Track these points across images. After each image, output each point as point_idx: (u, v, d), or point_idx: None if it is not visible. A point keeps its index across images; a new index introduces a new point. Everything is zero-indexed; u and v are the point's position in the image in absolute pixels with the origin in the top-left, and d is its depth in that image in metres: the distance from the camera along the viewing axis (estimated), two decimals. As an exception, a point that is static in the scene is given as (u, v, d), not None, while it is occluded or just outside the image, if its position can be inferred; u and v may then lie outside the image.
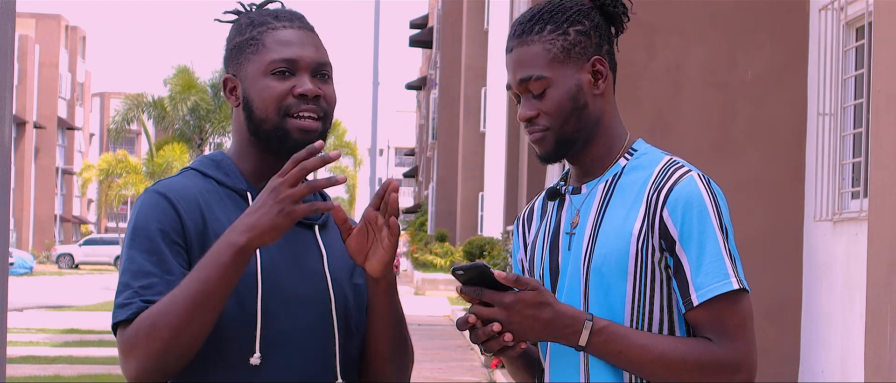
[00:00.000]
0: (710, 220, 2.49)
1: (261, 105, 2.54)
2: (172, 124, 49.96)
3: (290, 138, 2.54)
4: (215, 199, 2.55)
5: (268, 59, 2.55)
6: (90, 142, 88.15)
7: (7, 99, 4.60)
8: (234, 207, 2.55)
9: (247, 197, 2.57)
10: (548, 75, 2.55)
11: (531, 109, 2.57)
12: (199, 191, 2.55)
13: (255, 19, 2.60)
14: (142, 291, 2.43)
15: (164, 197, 2.51)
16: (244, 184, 2.59)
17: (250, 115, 2.56)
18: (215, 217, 2.53)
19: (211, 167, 2.60)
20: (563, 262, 2.60)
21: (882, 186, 5.70)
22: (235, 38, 2.61)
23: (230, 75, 2.61)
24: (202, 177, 2.58)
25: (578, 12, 2.58)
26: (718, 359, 2.47)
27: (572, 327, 2.47)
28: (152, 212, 2.49)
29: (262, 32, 2.57)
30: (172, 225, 2.49)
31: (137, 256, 2.46)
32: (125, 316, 2.42)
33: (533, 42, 2.55)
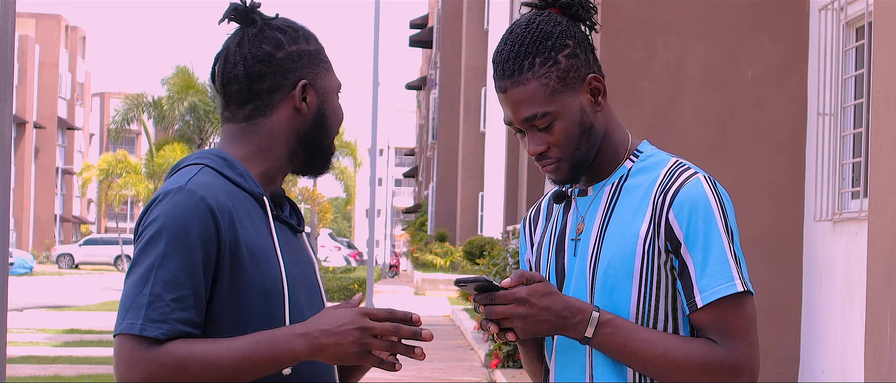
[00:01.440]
0: (715, 222, 2.50)
1: (335, 124, 2.62)
2: (172, 124, 49.96)
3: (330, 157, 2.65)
4: (238, 205, 2.48)
5: (337, 81, 2.64)
6: (90, 142, 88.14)
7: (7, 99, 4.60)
8: (253, 212, 2.50)
9: (264, 202, 2.53)
10: (551, 110, 2.53)
11: (540, 144, 2.56)
12: (227, 194, 2.47)
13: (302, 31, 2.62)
14: (174, 306, 2.34)
15: (203, 200, 2.41)
16: (260, 189, 2.54)
17: (320, 128, 2.60)
18: (243, 226, 2.46)
19: (224, 166, 2.53)
20: (568, 265, 2.61)
21: (882, 186, 5.70)
22: (300, 44, 2.59)
23: (307, 81, 2.58)
24: (219, 177, 2.50)
25: (560, 35, 2.54)
26: (721, 361, 2.48)
27: (580, 318, 2.49)
28: (191, 217, 2.39)
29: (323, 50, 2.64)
30: (209, 236, 2.40)
31: (173, 264, 2.36)
32: (158, 334, 2.32)
33: (527, 80, 2.52)
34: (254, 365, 2.37)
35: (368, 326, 2.38)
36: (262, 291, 2.45)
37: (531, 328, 2.48)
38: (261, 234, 2.49)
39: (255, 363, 2.37)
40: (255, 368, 2.37)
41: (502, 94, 2.56)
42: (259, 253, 2.46)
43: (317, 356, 2.39)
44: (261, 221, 2.51)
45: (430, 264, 40.04)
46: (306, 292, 2.57)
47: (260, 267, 2.45)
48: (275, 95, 2.57)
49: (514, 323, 2.48)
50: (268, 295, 2.46)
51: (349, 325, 2.39)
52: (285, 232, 2.57)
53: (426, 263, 40.48)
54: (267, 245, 2.49)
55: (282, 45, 2.58)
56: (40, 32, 72.42)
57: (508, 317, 2.47)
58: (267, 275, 2.46)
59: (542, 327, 2.49)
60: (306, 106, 2.58)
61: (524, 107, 2.53)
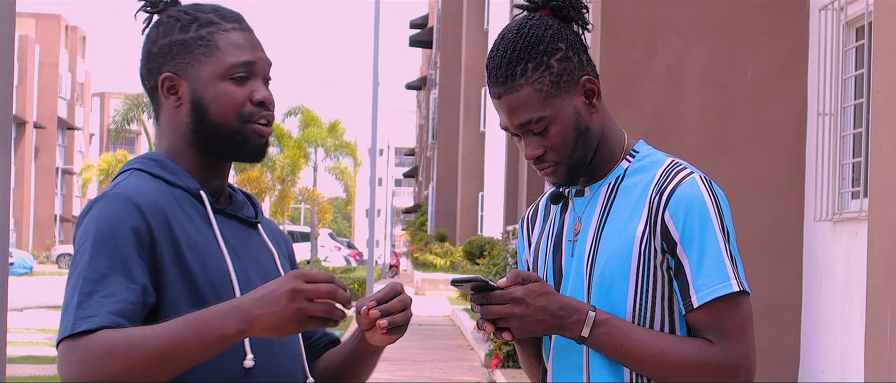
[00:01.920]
0: (711, 222, 2.50)
1: (219, 110, 2.48)
2: (172, 124, 49.87)
3: (249, 143, 2.49)
4: (172, 203, 2.44)
5: (227, 62, 2.48)
6: (90, 142, 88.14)
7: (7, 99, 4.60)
8: (190, 209, 2.46)
9: (201, 197, 2.49)
10: (546, 114, 2.53)
11: (537, 148, 2.56)
12: (159, 194, 2.43)
13: (199, 17, 2.51)
14: (105, 301, 2.28)
15: (129, 200, 2.38)
16: (195, 183, 2.49)
17: (202, 118, 2.48)
18: (179, 223, 2.42)
19: (155, 167, 2.49)
20: (566, 266, 2.61)
21: (882, 186, 5.70)
22: (175, 34, 2.51)
23: (171, 73, 2.50)
24: (151, 179, 2.47)
25: (552, 38, 2.54)
26: (717, 361, 2.48)
27: (576, 317, 2.49)
28: (117, 217, 2.36)
29: (213, 33, 2.49)
30: (140, 231, 2.36)
31: (101, 263, 2.32)
32: (90, 327, 2.26)
33: (520, 86, 2.52)
34: (182, 344, 2.23)
35: (301, 289, 2.22)
36: (209, 286, 2.40)
37: (527, 328, 2.48)
38: (201, 229, 2.45)
39: (184, 342, 2.23)
40: (184, 348, 2.23)
41: (497, 100, 2.56)
42: (201, 248, 2.42)
43: (252, 330, 2.23)
44: (200, 216, 2.47)
45: (430, 264, 40.05)
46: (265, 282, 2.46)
47: (204, 261, 2.41)
48: (157, 92, 2.54)
49: (511, 323, 2.48)
50: (216, 288, 2.41)
51: (280, 290, 2.22)
52: (233, 225, 2.53)
53: (426, 263, 40.49)
54: (209, 239, 2.45)
55: (156, 39, 2.54)
56: (40, 32, 72.41)
57: (505, 317, 2.47)
58: (212, 269, 2.41)
59: (539, 327, 2.49)
60: (177, 99, 2.51)
61: (519, 112, 2.53)
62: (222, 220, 2.51)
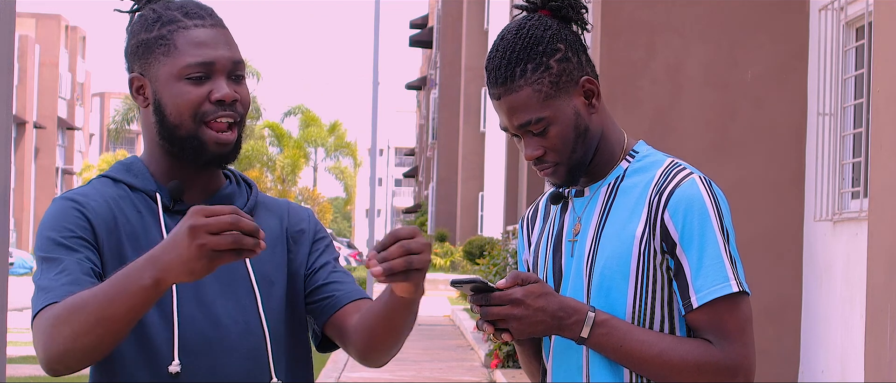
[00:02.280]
0: (710, 223, 2.50)
1: (174, 111, 2.44)
2: (172, 124, 49.96)
3: (206, 151, 2.45)
4: (126, 204, 2.48)
5: (182, 62, 2.43)
6: (90, 142, 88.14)
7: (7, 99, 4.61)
8: (145, 210, 2.49)
9: (156, 198, 2.50)
10: (545, 115, 2.53)
11: (536, 148, 2.56)
12: (109, 197, 2.48)
13: (163, 15, 2.48)
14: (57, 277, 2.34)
15: (71, 201, 2.44)
16: (153, 185, 2.50)
17: (162, 120, 2.46)
18: (127, 222, 2.46)
19: (121, 172, 2.53)
20: (566, 266, 2.61)
21: (882, 186, 5.70)
22: (141, 33, 2.49)
23: (137, 74, 2.49)
24: (113, 184, 2.51)
25: (551, 39, 2.54)
26: (717, 361, 2.48)
27: (576, 318, 2.49)
28: (59, 216, 2.43)
29: (173, 32, 2.45)
30: (81, 227, 2.42)
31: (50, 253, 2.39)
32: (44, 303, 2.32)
33: (520, 87, 2.52)
34: (112, 300, 2.20)
35: (199, 224, 2.12)
36: None
37: (527, 329, 2.48)
38: (148, 230, 2.46)
39: (113, 298, 2.20)
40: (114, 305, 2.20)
41: (496, 101, 2.57)
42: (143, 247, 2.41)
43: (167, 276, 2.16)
44: (152, 216, 2.48)
45: (430, 264, 40.06)
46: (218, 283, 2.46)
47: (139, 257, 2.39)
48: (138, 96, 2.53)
49: (510, 324, 2.48)
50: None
51: (181, 229, 2.14)
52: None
53: (426, 263, 40.46)
54: (154, 239, 2.44)
55: (129, 37, 2.53)
56: (40, 32, 72.41)
57: (504, 318, 2.47)
58: None
59: (538, 328, 2.49)
60: (145, 99, 2.49)
61: (518, 113, 2.53)
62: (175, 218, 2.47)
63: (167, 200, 2.49)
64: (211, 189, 2.54)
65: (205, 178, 2.52)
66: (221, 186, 2.56)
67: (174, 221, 2.47)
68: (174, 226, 2.30)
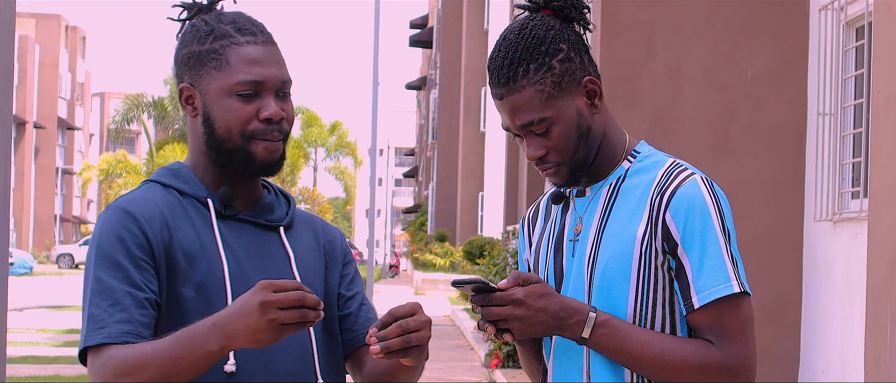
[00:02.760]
0: (712, 223, 2.50)
1: (223, 125, 2.50)
2: (172, 124, 49.95)
3: (254, 160, 2.52)
4: (178, 211, 2.53)
5: (233, 79, 2.49)
6: (90, 142, 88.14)
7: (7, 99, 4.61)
8: (196, 216, 2.54)
9: (208, 204, 2.55)
10: (548, 115, 2.53)
11: (539, 148, 2.56)
12: (163, 203, 2.52)
13: (216, 29, 2.53)
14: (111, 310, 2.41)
15: (125, 212, 2.48)
16: (204, 191, 2.56)
17: (211, 132, 2.52)
18: (179, 228, 2.51)
19: (170, 177, 2.58)
20: (567, 266, 2.61)
21: (882, 186, 5.70)
22: (193, 45, 2.54)
23: (187, 84, 2.55)
24: (163, 189, 2.56)
25: (553, 39, 2.54)
26: (718, 362, 2.48)
27: (577, 319, 2.49)
28: (114, 228, 2.47)
29: (225, 47, 2.51)
30: (135, 239, 2.46)
31: (103, 275, 2.44)
32: (98, 341, 2.39)
33: (522, 87, 2.52)
34: (176, 362, 2.33)
35: (271, 299, 2.26)
36: (199, 288, 2.47)
37: (528, 329, 2.48)
38: (202, 234, 2.52)
39: (177, 360, 2.33)
40: (178, 365, 2.33)
41: (498, 101, 2.56)
42: (196, 251, 2.49)
43: (232, 343, 2.30)
44: (205, 222, 2.54)
45: (430, 264, 40.04)
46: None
47: (196, 264, 2.48)
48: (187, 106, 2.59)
49: (511, 325, 2.48)
50: (206, 290, 2.48)
51: (251, 304, 2.27)
52: (246, 229, 2.57)
53: (426, 263, 40.49)
54: (208, 243, 2.51)
55: (180, 47, 2.58)
56: (40, 32, 72.40)
57: (505, 319, 2.48)
58: (203, 271, 2.48)
59: (539, 328, 2.49)
60: (193, 110, 2.55)
61: (521, 113, 2.53)
62: (232, 225, 2.55)
63: (219, 206, 2.55)
64: (253, 198, 2.61)
65: (248, 188, 2.59)
66: (261, 196, 2.63)
67: (227, 227, 2.55)
68: (226, 232, 2.52)
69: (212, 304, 2.46)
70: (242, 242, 2.55)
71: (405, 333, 2.36)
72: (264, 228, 2.59)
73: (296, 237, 2.64)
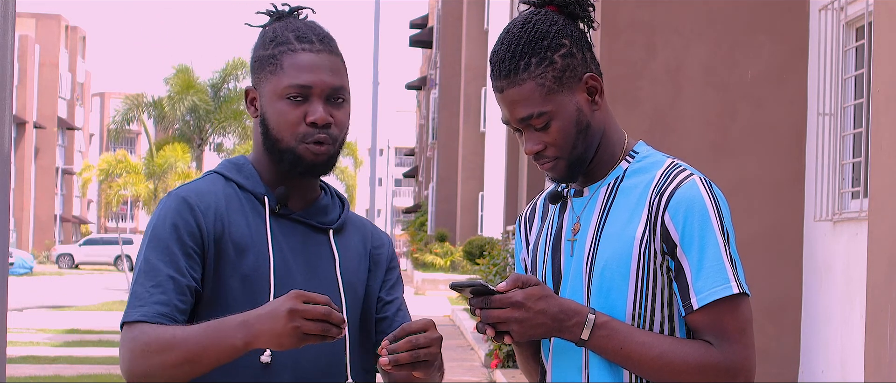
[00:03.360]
0: (711, 224, 2.49)
1: (276, 126, 2.64)
2: (172, 124, 49.96)
3: (303, 162, 2.63)
4: (235, 204, 2.66)
5: (284, 83, 2.62)
6: (90, 142, 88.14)
7: (7, 99, 4.61)
8: (251, 211, 2.66)
9: (264, 201, 2.67)
10: (547, 109, 2.53)
11: (537, 143, 2.56)
12: (221, 195, 2.66)
13: (278, 36, 2.66)
14: (152, 291, 2.55)
15: (184, 200, 2.62)
16: (263, 188, 2.68)
17: (266, 132, 2.66)
18: (233, 221, 2.64)
19: (232, 171, 2.71)
20: (565, 265, 2.61)
21: (882, 186, 5.70)
22: (259, 50, 2.69)
23: (251, 87, 2.70)
24: (224, 181, 2.70)
25: (556, 34, 2.54)
26: (717, 363, 2.48)
27: (576, 320, 2.49)
28: (170, 214, 2.61)
29: (282, 53, 2.64)
30: (188, 228, 2.60)
31: (152, 256, 2.58)
32: (135, 317, 2.54)
33: (523, 81, 2.52)
34: (203, 349, 2.46)
35: (299, 308, 2.39)
36: (244, 280, 2.60)
37: (527, 331, 2.48)
38: (254, 229, 2.65)
39: (205, 347, 2.46)
40: (205, 353, 2.47)
41: (499, 93, 2.56)
42: (247, 245, 2.62)
43: (256, 342, 2.43)
44: (259, 218, 2.66)
45: (430, 264, 40.02)
46: (311, 286, 2.64)
47: (245, 257, 2.61)
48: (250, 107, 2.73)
49: (511, 327, 2.48)
50: (251, 283, 2.60)
51: (281, 309, 2.41)
52: (298, 229, 2.69)
53: (426, 263, 40.47)
54: (259, 238, 2.64)
55: (253, 51, 2.72)
56: (40, 32, 72.39)
57: (504, 321, 2.47)
58: (250, 265, 2.61)
59: (539, 330, 2.49)
60: (255, 110, 2.70)
61: (520, 107, 2.53)
62: (285, 224, 2.68)
63: (274, 204, 2.67)
64: (309, 198, 2.73)
65: (304, 188, 2.71)
66: (318, 197, 2.75)
67: (278, 225, 2.67)
68: (277, 229, 2.65)
69: (255, 296, 2.59)
70: (292, 241, 2.67)
71: (415, 348, 2.47)
72: (315, 229, 2.71)
73: (344, 240, 2.75)
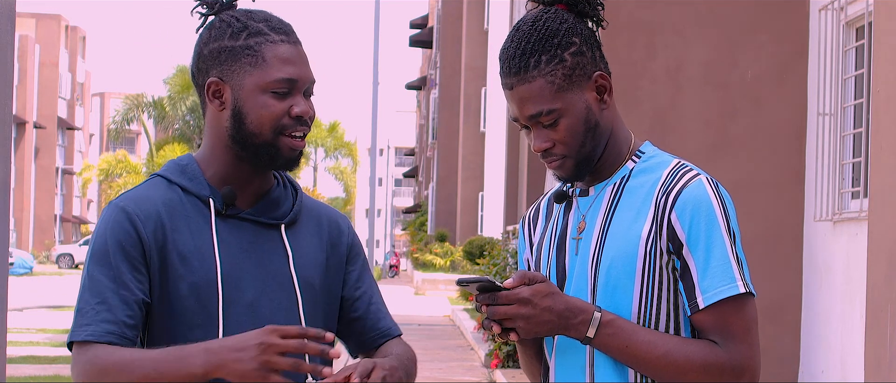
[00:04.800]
0: (717, 224, 2.50)
1: (256, 120, 2.56)
2: (172, 124, 49.96)
3: (281, 156, 2.58)
4: (178, 209, 2.58)
5: (271, 77, 2.56)
6: (90, 142, 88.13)
7: (7, 99, 4.61)
8: (196, 215, 2.58)
9: (209, 203, 2.59)
10: (557, 107, 2.53)
11: (545, 140, 2.56)
12: (162, 201, 2.58)
13: (249, 26, 2.58)
14: (98, 308, 2.49)
15: (123, 210, 2.55)
16: (207, 189, 2.60)
17: (240, 126, 2.57)
18: (176, 228, 2.56)
19: (176, 173, 2.62)
20: (570, 265, 2.61)
21: (882, 186, 5.70)
22: (226, 40, 2.58)
23: (216, 78, 2.59)
24: (168, 185, 2.61)
25: (567, 32, 2.55)
26: (723, 362, 2.48)
27: (582, 318, 2.49)
28: (111, 227, 2.54)
29: (261, 44, 2.57)
30: (129, 240, 2.53)
31: (95, 272, 2.52)
32: (82, 338, 2.48)
33: (533, 78, 2.53)
34: (161, 375, 2.40)
35: (272, 342, 2.34)
36: (192, 288, 2.53)
37: (533, 328, 2.48)
38: (199, 234, 2.57)
39: (163, 373, 2.40)
40: (162, 377, 2.40)
41: (509, 90, 2.57)
42: (192, 252, 2.55)
43: (217, 372, 2.36)
44: (205, 221, 2.58)
45: (430, 264, 40.04)
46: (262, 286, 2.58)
47: (190, 265, 2.54)
48: (203, 94, 2.63)
49: (517, 324, 2.48)
50: (199, 291, 2.53)
51: (252, 341, 2.35)
52: (247, 228, 2.60)
53: (426, 263, 40.49)
54: (204, 243, 2.57)
55: (207, 41, 2.61)
56: (40, 32, 72.39)
57: (511, 318, 2.48)
58: (197, 271, 2.54)
59: (544, 327, 2.49)
60: (220, 103, 2.60)
61: (530, 104, 2.54)
62: (233, 224, 2.59)
63: (220, 205, 2.59)
64: (261, 191, 2.65)
65: (260, 180, 2.63)
66: (270, 188, 2.67)
67: (226, 226, 2.59)
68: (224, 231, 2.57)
69: (204, 304, 2.52)
70: (241, 242, 2.59)
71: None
72: (266, 226, 2.62)
73: (298, 233, 2.66)
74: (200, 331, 2.52)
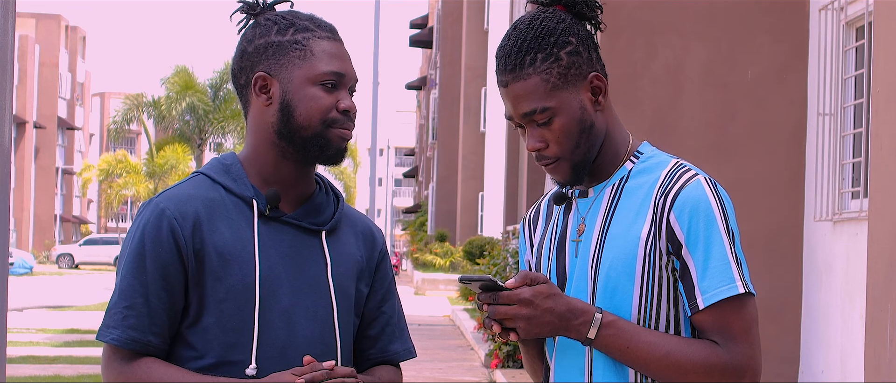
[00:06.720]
0: (716, 224, 2.50)
1: (305, 112, 2.58)
2: (172, 124, 49.96)
3: (331, 146, 2.59)
4: (220, 210, 2.58)
5: (319, 69, 2.58)
6: (90, 142, 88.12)
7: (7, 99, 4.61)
8: (238, 216, 2.59)
9: (252, 204, 2.59)
10: (551, 105, 2.53)
11: (539, 140, 2.56)
12: (203, 202, 2.58)
13: (296, 23, 2.61)
14: (126, 313, 2.53)
15: (162, 213, 2.56)
16: (250, 191, 2.60)
17: (288, 119, 2.59)
18: (216, 230, 2.56)
19: (220, 172, 2.63)
20: (570, 267, 2.61)
21: (882, 186, 5.70)
22: (273, 36, 2.61)
23: (263, 73, 2.60)
24: (211, 184, 2.62)
25: (563, 32, 2.55)
26: (723, 362, 2.48)
27: (583, 319, 2.49)
28: (148, 231, 2.55)
29: (308, 39, 2.60)
30: (166, 246, 2.54)
31: (128, 275, 2.55)
32: (107, 340, 2.54)
33: (528, 75, 2.53)
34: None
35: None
36: (229, 291, 2.53)
37: (534, 329, 2.49)
38: (241, 235, 2.57)
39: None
40: None
41: (504, 88, 2.57)
42: (231, 254, 2.55)
43: None
44: (246, 223, 2.58)
45: (430, 264, 40.03)
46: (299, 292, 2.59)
47: (229, 267, 2.54)
48: (247, 91, 2.64)
49: (517, 324, 2.48)
50: (237, 295, 2.54)
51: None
52: (289, 232, 2.61)
53: (426, 263, 40.48)
54: (244, 246, 2.57)
55: (252, 39, 2.63)
56: (40, 32, 72.38)
57: (512, 318, 2.48)
58: (235, 275, 2.54)
59: (545, 328, 2.49)
60: (267, 98, 2.60)
61: (524, 101, 2.54)
62: (275, 227, 2.60)
63: (263, 206, 2.59)
64: (304, 195, 2.66)
65: (300, 184, 2.64)
66: (313, 193, 2.68)
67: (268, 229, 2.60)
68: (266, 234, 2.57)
69: (240, 308, 2.54)
70: (281, 246, 2.60)
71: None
72: (306, 231, 2.63)
73: (338, 241, 2.68)
74: (234, 335, 2.54)
